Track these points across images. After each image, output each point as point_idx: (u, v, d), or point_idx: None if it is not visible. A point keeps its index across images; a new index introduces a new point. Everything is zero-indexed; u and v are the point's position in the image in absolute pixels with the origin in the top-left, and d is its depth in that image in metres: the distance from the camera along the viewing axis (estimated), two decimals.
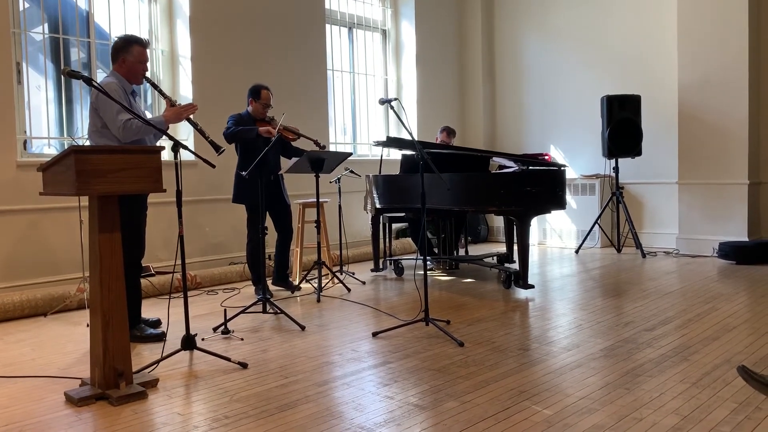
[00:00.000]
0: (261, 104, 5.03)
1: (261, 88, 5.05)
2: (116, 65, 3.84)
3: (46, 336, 4.08)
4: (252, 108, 5.06)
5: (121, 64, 3.82)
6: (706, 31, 6.52)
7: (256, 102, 5.03)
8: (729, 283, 5.19)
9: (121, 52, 3.81)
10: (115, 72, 3.83)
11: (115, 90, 3.66)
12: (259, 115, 5.05)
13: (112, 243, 2.91)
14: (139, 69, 3.84)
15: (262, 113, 5.05)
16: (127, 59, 3.80)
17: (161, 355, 3.34)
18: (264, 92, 5.04)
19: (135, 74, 3.85)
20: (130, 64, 3.81)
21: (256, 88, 5.07)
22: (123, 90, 3.76)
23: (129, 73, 3.83)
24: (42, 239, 5.05)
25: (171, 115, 3.82)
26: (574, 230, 7.68)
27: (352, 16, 7.82)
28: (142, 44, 3.87)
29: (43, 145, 5.37)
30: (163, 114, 3.83)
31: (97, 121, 3.72)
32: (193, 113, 3.89)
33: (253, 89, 5.07)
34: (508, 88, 8.67)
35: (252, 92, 5.06)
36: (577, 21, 7.89)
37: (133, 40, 3.86)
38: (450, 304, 4.73)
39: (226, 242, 6.17)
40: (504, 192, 4.89)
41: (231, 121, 4.96)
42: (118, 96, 3.60)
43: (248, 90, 5.11)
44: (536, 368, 3.15)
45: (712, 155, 6.57)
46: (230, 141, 4.89)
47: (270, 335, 3.95)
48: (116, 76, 3.80)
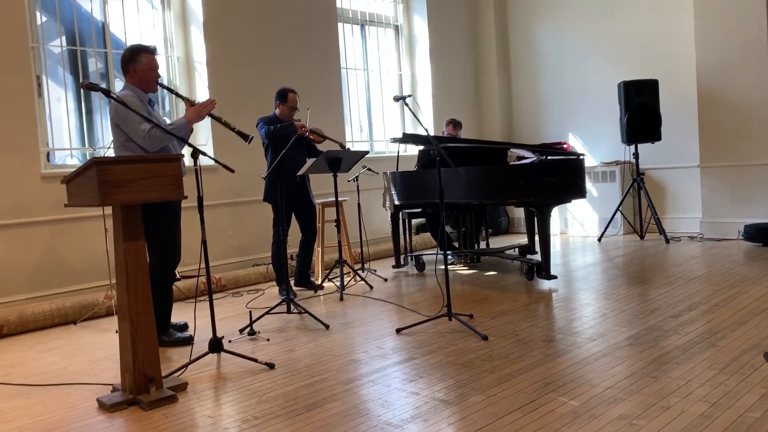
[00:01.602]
0: (288, 107, 5.14)
1: (288, 91, 5.16)
2: (128, 77, 3.86)
3: (77, 344, 4.16)
4: (279, 111, 5.16)
5: (132, 74, 3.83)
6: (723, 10, 6.41)
7: (283, 105, 5.14)
8: (755, 266, 5.12)
9: (130, 63, 3.83)
10: (128, 84, 3.85)
11: (132, 102, 3.67)
12: (287, 118, 5.15)
13: (137, 250, 2.96)
14: (151, 76, 3.86)
15: (289, 116, 5.16)
16: (138, 69, 3.82)
17: (189, 358, 3.39)
18: (291, 95, 5.15)
19: (148, 82, 3.86)
20: (141, 73, 3.83)
21: (284, 91, 5.16)
22: (140, 100, 3.79)
23: (142, 82, 3.84)
24: (68, 249, 5.14)
25: (192, 115, 3.85)
26: (596, 218, 7.62)
27: (364, 13, 7.83)
28: (149, 51, 3.88)
29: (65, 156, 5.46)
30: (185, 115, 3.86)
31: (120, 136, 3.74)
32: (213, 108, 3.91)
33: (280, 92, 5.17)
34: (524, 78, 8.61)
35: (279, 95, 5.17)
36: (591, 7, 7.81)
37: (140, 48, 3.88)
38: (473, 297, 4.73)
39: (249, 244, 6.23)
40: (523, 183, 4.87)
41: (261, 123, 5.05)
42: (136, 107, 3.62)
43: (276, 93, 5.21)
44: (561, 359, 3.15)
45: (734, 136, 6.47)
46: (272, 140, 4.95)
47: (295, 335, 3.99)
48: (130, 88, 3.82)
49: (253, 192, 6.11)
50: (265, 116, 5.16)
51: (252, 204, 6.17)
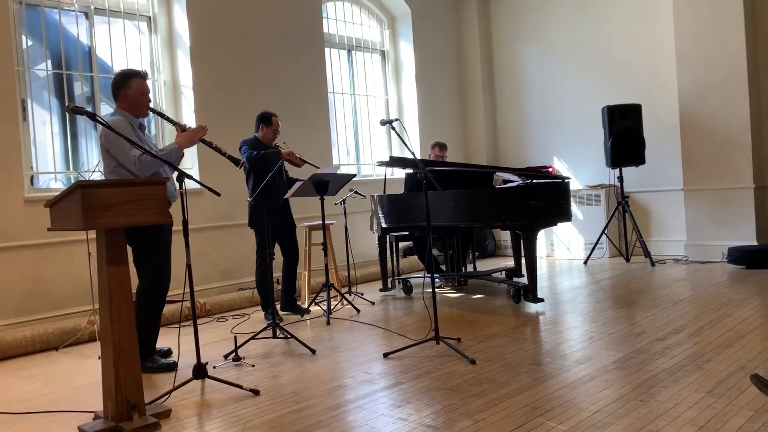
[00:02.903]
0: (272, 130, 5.18)
1: (271, 115, 5.20)
2: (119, 102, 3.85)
3: (58, 370, 4.09)
4: (262, 134, 5.18)
5: (123, 99, 3.83)
6: (704, 37, 6.54)
7: (267, 128, 5.17)
8: (740, 289, 5.16)
9: (120, 87, 3.83)
10: (119, 109, 3.84)
11: (123, 127, 3.66)
12: (269, 141, 5.19)
13: (121, 275, 2.93)
14: (142, 101, 3.86)
15: (272, 139, 5.20)
16: (129, 93, 3.82)
17: (173, 384, 3.34)
18: (274, 119, 5.20)
19: (139, 107, 3.86)
20: (132, 98, 3.82)
21: (267, 115, 5.20)
22: (130, 125, 3.78)
23: (133, 107, 3.84)
24: (52, 273, 5.08)
25: (184, 140, 3.84)
26: (581, 241, 7.66)
27: (351, 39, 7.90)
28: (140, 76, 3.88)
29: (49, 180, 5.42)
30: (176, 141, 3.85)
31: (110, 161, 3.71)
32: (205, 134, 3.91)
33: (263, 116, 5.20)
34: (509, 103, 8.70)
35: (263, 119, 5.19)
36: (575, 32, 7.94)
37: (131, 73, 3.88)
38: (460, 321, 4.71)
39: (234, 268, 6.19)
40: (509, 206, 4.90)
41: (245, 147, 5.05)
42: (126, 133, 3.61)
43: (257, 117, 5.23)
44: (549, 383, 3.13)
45: (716, 160, 6.56)
46: (255, 165, 4.94)
47: (281, 360, 3.94)
48: (121, 113, 3.81)
49: (239, 216, 6.08)
50: (247, 139, 5.17)
51: (237, 227, 6.14)
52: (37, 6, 5.35)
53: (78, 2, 5.58)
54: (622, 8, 7.49)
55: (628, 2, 7.44)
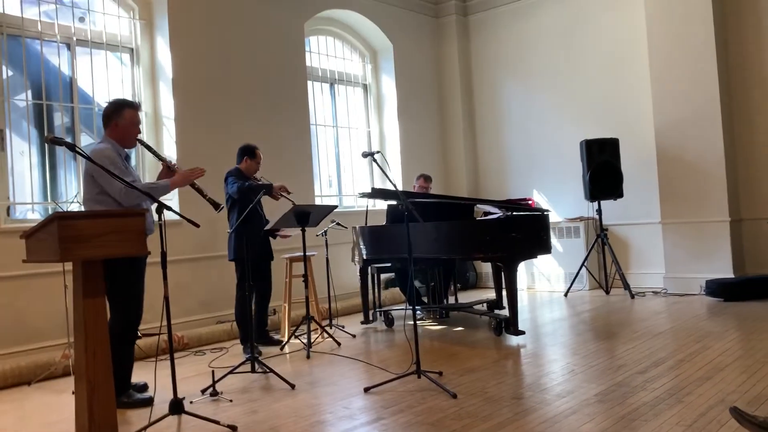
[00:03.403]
0: (255, 162, 5.29)
1: (255, 148, 5.32)
2: (108, 130, 3.84)
3: (30, 406, 3.98)
4: (245, 165, 5.26)
5: (113, 128, 3.82)
6: (678, 73, 6.71)
7: (250, 160, 5.27)
8: (718, 321, 5.20)
9: (113, 116, 3.83)
10: (107, 138, 3.83)
11: (110, 156, 3.66)
12: (251, 173, 5.28)
13: (97, 308, 2.88)
14: (132, 132, 3.87)
15: (254, 171, 5.30)
16: (120, 123, 3.82)
17: (149, 420, 3.25)
18: (257, 152, 5.32)
19: (129, 137, 3.87)
20: (123, 128, 3.83)
21: (251, 147, 5.30)
22: (118, 154, 3.78)
23: (122, 137, 3.84)
24: (26, 306, 4.97)
25: (179, 180, 3.87)
26: (561, 273, 7.70)
27: (334, 72, 7.98)
28: (133, 107, 3.90)
29: (26, 211, 5.35)
30: (171, 179, 3.85)
31: (93, 189, 3.68)
32: (200, 177, 3.93)
33: (247, 148, 5.29)
34: (489, 136, 8.81)
35: (247, 151, 5.28)
36: (554, 68, 8.10)
37: (125, 103, 3.89)
38: (442, 354, 4.68)
39: (213, 301, 6.11)
40: (489, 238, 4.92)
41: (231, 178, 5.09)
42: (113, 162, 3.61)
43: (240, 149, 5.32)
44: (531, 417, 3.11)
45: (693, 194, 6.67)
46: (244, 195, 4.94)
47: (259, 395, 3.88)
48: (109, 142, 3.80)
49: (218, 247, 6.03)
50: (232, 170, 5.21)
51: (216, 259, 6.08)
52: (18, 36, 5.34)
53: (60, 33, 5.59)
54: (600, 45, 7.66)
55: (606, 39, 7.62)
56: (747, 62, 6.76)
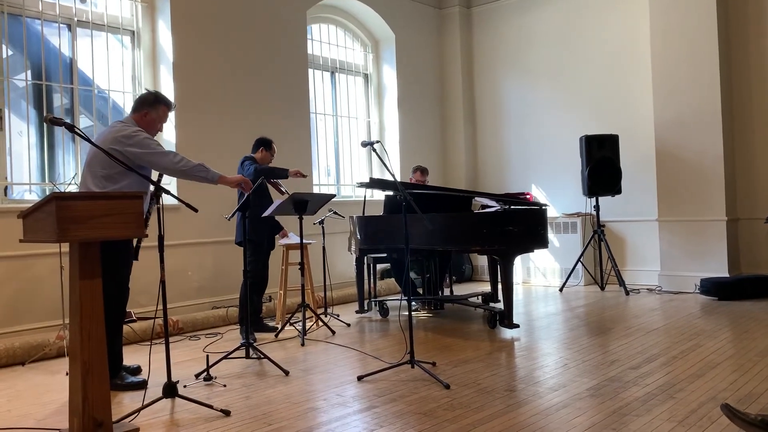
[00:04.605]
0: (270, 154, 5.47)
1: (272, 141, 5.51)
2: (136, 115, 3.88)
3: (24, 386, 3.99)
4: (260, 156, 5.42)
5: (143, 116, 3.88)
6: (680, 71, 6.70)
7: (266, 152, 5.45)
8: (711, 320, 5.22)
9: (147, 105, 3.89)
10: (133, 121, 3.86)
11: (147, 137, 3.75)
12: (265, 164, 5.42)
13: (93, 289, 2.87)
14: (156, 127, 3.95)
15: (268, 162, 5.46)
16: (151, 114, 3.89)
17: (142, 403, 3.27)
18: (274, 146, 5.52)
19: (152, 130, 3.92)
20: (150, 120, 3.90)
21: (269, 140, 5.51)
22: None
23: (146, 128, 3.87)
24: (22, 286, 4.97)
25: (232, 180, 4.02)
26: (557, 268, 7.72)
27: (335, 61, 7.95)
28: (169, 106, 4.00)
29: (24, 191, 5.33)
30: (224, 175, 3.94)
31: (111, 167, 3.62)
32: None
33: (265, 141, 5.47)
34: (489, 129, 8.80)
35: (264, 143, 5.46)
36: (555, 62, 8.08)
37: (163, 99, 3.98)
38: (436, 344, 4.70)
39: (209, 286, 6.12)
40: (486, 231, 4.92)
41: (249, 162, 5.22)
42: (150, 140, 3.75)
43: (258, 140, 5.48)
44: (523, 410, 3.13)
45: (690, 192, 6.68)
46: (262, 176, 5.00)
47: (253, 381, 3.89)
48: (138, 126, 3.84)
49: (216, 233, 6.04)
50: (249, 156, 5.36)
51: (213, 245, 6.09)
52: (19, 16, 5.31)
53: (61, 14, 5.55)
54: (602, 41, 7.65)
55: (607, 34, 7.60)
56: (749, 61, 6.75)
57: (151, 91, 4.04)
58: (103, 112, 5.87)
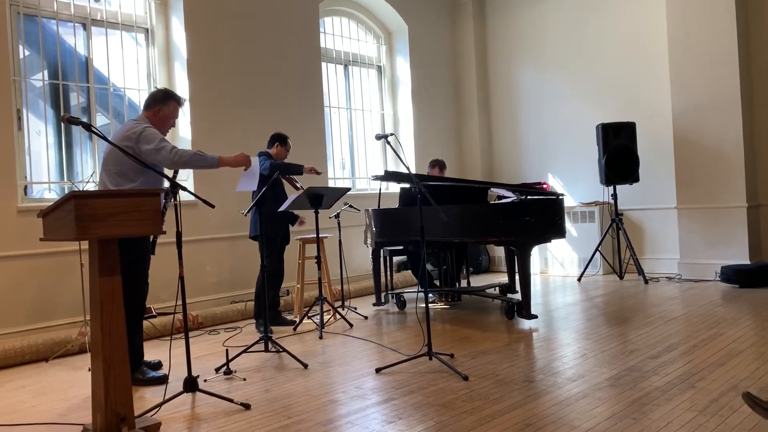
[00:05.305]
0: (285, 150, 5.47)
1: (287, 137, 5.50)
2: (149, 113, 3.95)
3: (48, 382, 4.05)
4: (276, 151, 5.43)
5: (155, 113, 3.94)
6: (697, 56, 6.61)
7: (281, 147, 5.45)
8: (733, 308, 5.16)
9: (158, 102, 3.95)
10: (146, 119, 3.92)
11: (154, 132, 3.80)
12: (280, 159, 5.43)
13: (113, 286, 2.91)
14: (168, 123, 4.01)
15: (283, 158, 5.46)
16: (163, 111, 3.95)
17: (163, 397, 3.31)
18: (289, 141, 5.51)
19: (165, 127, 3.98)
20: (164, 116, 3.96)
21: (284, 136, 5.51)
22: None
23: (159, 124, 3.93)
24: (43, 284, 5.05)
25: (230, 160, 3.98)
26: (575, 258, 7.67)
27: (348, 54, 7.94)
28: (179, 102, 4.06)
29: (43, 190, 5.40)
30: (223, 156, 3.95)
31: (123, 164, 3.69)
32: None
33: (281, 137, 5.47)
34: (504, 119, 8.75)
35: (280, 138, 5.46)
36: (570, 51, 8.00)
37: (173, 95, 4.03)
38: (453, 336, 4.70)
39: (227, 281, 6.16)
40: (503, 222, 4.91)
41: (264, 157, 5.23)
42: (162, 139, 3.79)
43: (273, 135, 5.48)
44: (542, 400, 3.12)
45: (710, 179, 6.60)
46: (277, 172, 5.01)
47: (272, 374, 3.92)
48: (150, 123, 3.89)
49: (233, 228, 6.08)
50: (264, 151, 5.37)
51: (231, 240, 6.13)
52: (34, 16, 5.36)
53: (76, 13, 5.60)
54: (617, 27, 7.56)
55: (623, 21, 7.51)
56: None
57: (160, 88, 4.09)
58: (119, 110, 5.92)
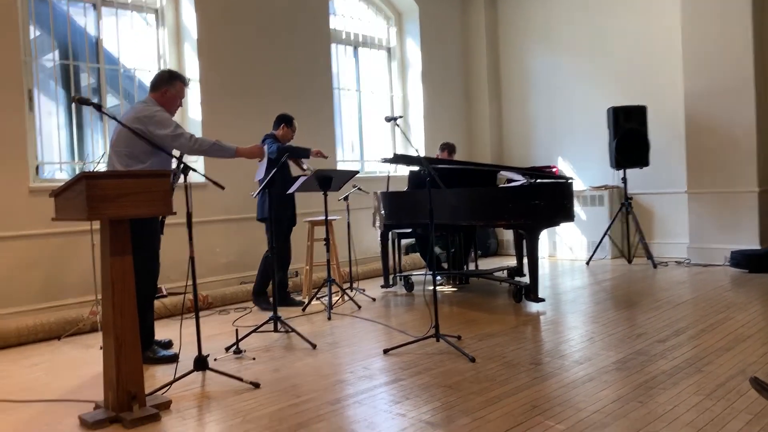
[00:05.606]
0: (291, 131, 5.48)
1: (293, 118, 5.51)
2: (156, 94, 3.96)
3: (60, 359, 4.11)
4: (282, 133, 5.43)
5: (162, 94, 3.95)
6: (711, 40, 6.53)
7: (287, 128, 5.45)
8: (742, 292, 5.15)
9: (164, 83, 3.97)
10: (153, 100, 3.94)
11: (167, 116, 3.84)
12: (285, 141, 5.43)
13: (124, 266, 2.94)
14: (176, 104, 4.03)
15: (290, 139, 5.48)
16: (169, 91, 3.97)
17: (174, 376, 3.35)
18: (295, 122, 5.51)
19: (173, 107, 4.00)
20: (170, 97, 3.98)
21: (290, 117, 5.49)
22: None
23: (166, 104, 3.95)
24: (54, 263, 5.10)
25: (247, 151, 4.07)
26: (584, 242, 7.66)
27: (357, 35, 7.89)
28: (184, 82, 4.08)
29: (54, 170, 5.43)
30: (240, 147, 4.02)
31: (135, 146, 3.70)
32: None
33: (286, 117, 5.46)
34: (514, 102, 8.69)
35: (285, 119, 5.45)
36: (582, 34, 7.92)
37: (178, 76, 4.06)
38: (461, 319, 4.72)
39: (237, 262, 6.20)
40: (512, 205, 4.90)
41: (270, 140, 5.25)
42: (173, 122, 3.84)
43: (279, 116, 5.48)
44: (549, 382, 3.14)
45: (721, 163, 6.55)
46: (282, 155, 5.00)
47: (282, 354, 3.96)
48: (158, 105, 3.91)
49: (243, 209, 6.10)
50: (270, 134, 5.37)
51: (241, 222, 6.15)
52: None
53: None
54: (629, 9, 7.47)
55: (636, 3, 7.42)
56: None
57: (165, 69, 4.11)
58: (129, 91, 5.93)
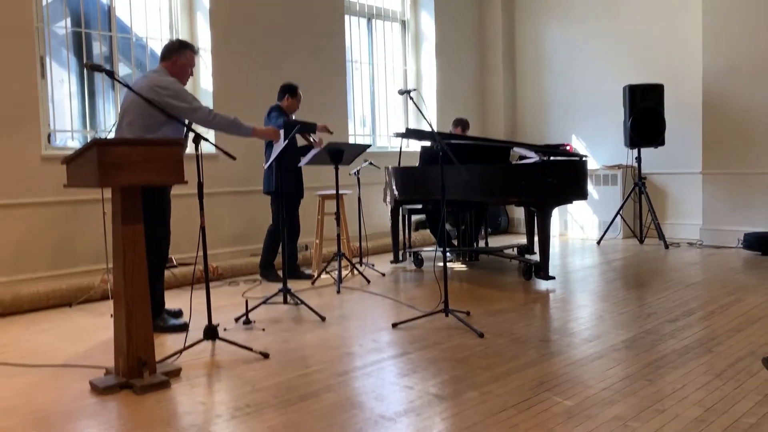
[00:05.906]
0: (296, 101, 5.39)
1: (297, 87, 5.40)
2: (167, 63, 3.94)
3: (71, 326, 4.15)
4: (287, 104, 5.35)
5: (173, 63, 3.94)
6: (731, 17, 6.39)
7: (292, 99, 5.36)
8: (754, 275, 5.11)
9: (174, 52, 3.96)
10: (165, 69, 3.92)
11: (182, 88, 3.83)
12: (292, 111, 5.36)
13: (135, 235, 2.94)
14: (187, 72, 4.03)
15: (295, 109, 5.40)
16: (180, 60, 3.96)
17: (184, 344, 3.38)
18: (299, 92, 5.41)
19: (183, 76, 3.99)
20: (181, 66, 3.96)
21: (294, 86, 5.39)
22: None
23: (177, 73, 3.95)
24: (66, 231, 5.13)
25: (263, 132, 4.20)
26: (595, 221, 7.61)
27: (372, 7, 7.80)
28: (194, 51, 4.10)
29: (66, 138, 5.44)
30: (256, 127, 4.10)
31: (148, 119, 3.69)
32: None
33: (290, 87, 5.37)
34: (529, 79, 8.59)
35: (289, 90, 5.36)
36: (599, 10, 7.79)
37: (188, 44, 4.07)
38: (470, 295, 4.72)
39: (247, 234, 6.21)
40: (524, 183, 4.86)
41: (276, 113, 5.19)
42: (187, 93, 3.83)
43: (283, 87, 5.38)
44: (557, 359, 3.14)
45: (737, 144, 6.45)
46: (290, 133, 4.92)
47: (291, 326, 3.97)
48: (170, 75, 3.90)
49: (253, 182, 6.09)
50: (274, 106, 5.29)
51: (251, 194, 6.15)
52: None
53: None
54: None
55: None
56: None
57: (174, 39, 4.11)
58: (141, 60, 5.90)
